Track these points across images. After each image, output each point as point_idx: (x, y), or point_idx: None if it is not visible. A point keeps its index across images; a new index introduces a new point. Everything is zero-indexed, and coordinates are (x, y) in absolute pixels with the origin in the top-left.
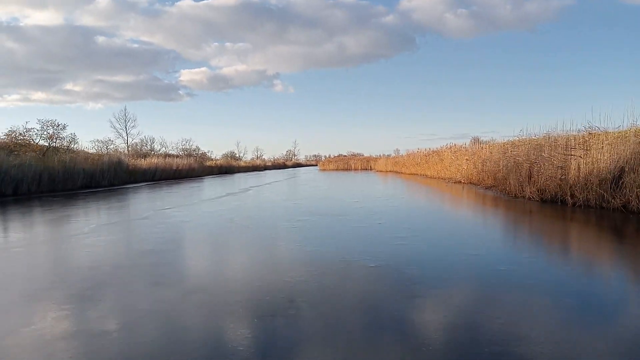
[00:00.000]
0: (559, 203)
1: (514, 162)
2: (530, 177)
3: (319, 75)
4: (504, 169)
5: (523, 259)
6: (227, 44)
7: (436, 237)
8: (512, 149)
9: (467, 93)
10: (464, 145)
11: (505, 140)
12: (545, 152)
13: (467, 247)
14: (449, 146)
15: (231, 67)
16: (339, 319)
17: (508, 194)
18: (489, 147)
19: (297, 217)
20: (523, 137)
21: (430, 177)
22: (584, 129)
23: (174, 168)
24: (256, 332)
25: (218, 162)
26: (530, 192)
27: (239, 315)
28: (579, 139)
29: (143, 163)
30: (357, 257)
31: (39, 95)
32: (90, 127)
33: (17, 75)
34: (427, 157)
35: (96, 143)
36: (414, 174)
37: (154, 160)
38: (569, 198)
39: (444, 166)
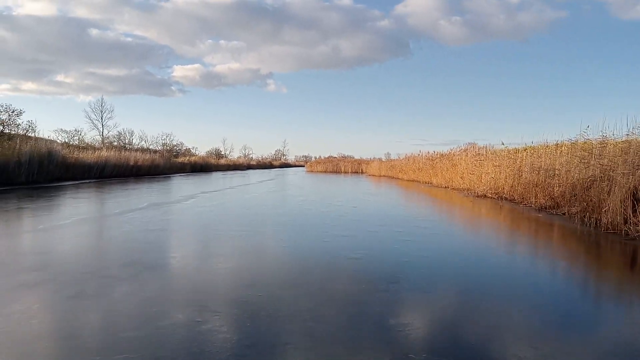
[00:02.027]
0: None
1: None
2: None
3: (312, 76)
4: (581, 183)
5: None
6: (222, 42)
7: None
8: (598, 153)
9: (459, 100)
10: (486, 148)
11: (554, 142)
12: None
13: None
14: (464, 148)
15: (225, 65)
16: None
17: (602, 227)
18: (533, 150)
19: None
20: (589, 138)
21: (437, 187)
22: None
23: (131, 164)
24: None
25: (192, 158)
26: None
27: None
28: None
29: (89, 156)
30: None
31: (29, 85)
32: (81, 120)
33: (7, 64)
34: (434, 162)
35: (60, 133)
36: (414, 181)
37: (104, 153)
38: None
39: (457, 173)
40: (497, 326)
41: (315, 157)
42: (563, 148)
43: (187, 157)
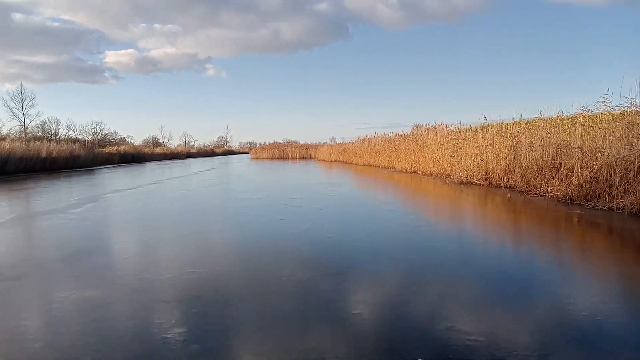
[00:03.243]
0: None
1: None
2: None
3: (253, 60)
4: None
5: None
6: (156, 25)
7: None
8: None
9: (399, 83)
10: (458, 125)
11: (555, 115)
12: None
13: None
14: (435, 126)
15: (160, 50)
16: None
17: None
18: (535, 124)
19: None
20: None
21: (402, 172)
22: None
23: (43, 156)
24: None
25: (122, 148)
26: None
27: None
28: None
29: None
30: None
31: None
32: (4, 111)
33: None
34: (396, 144)
35: None
36: (371, 166)
37: (6, 144)
38: None
39: (427, 156)
40: None
41: (261, 143)
42: (579, 120)
43: (116, 147)
